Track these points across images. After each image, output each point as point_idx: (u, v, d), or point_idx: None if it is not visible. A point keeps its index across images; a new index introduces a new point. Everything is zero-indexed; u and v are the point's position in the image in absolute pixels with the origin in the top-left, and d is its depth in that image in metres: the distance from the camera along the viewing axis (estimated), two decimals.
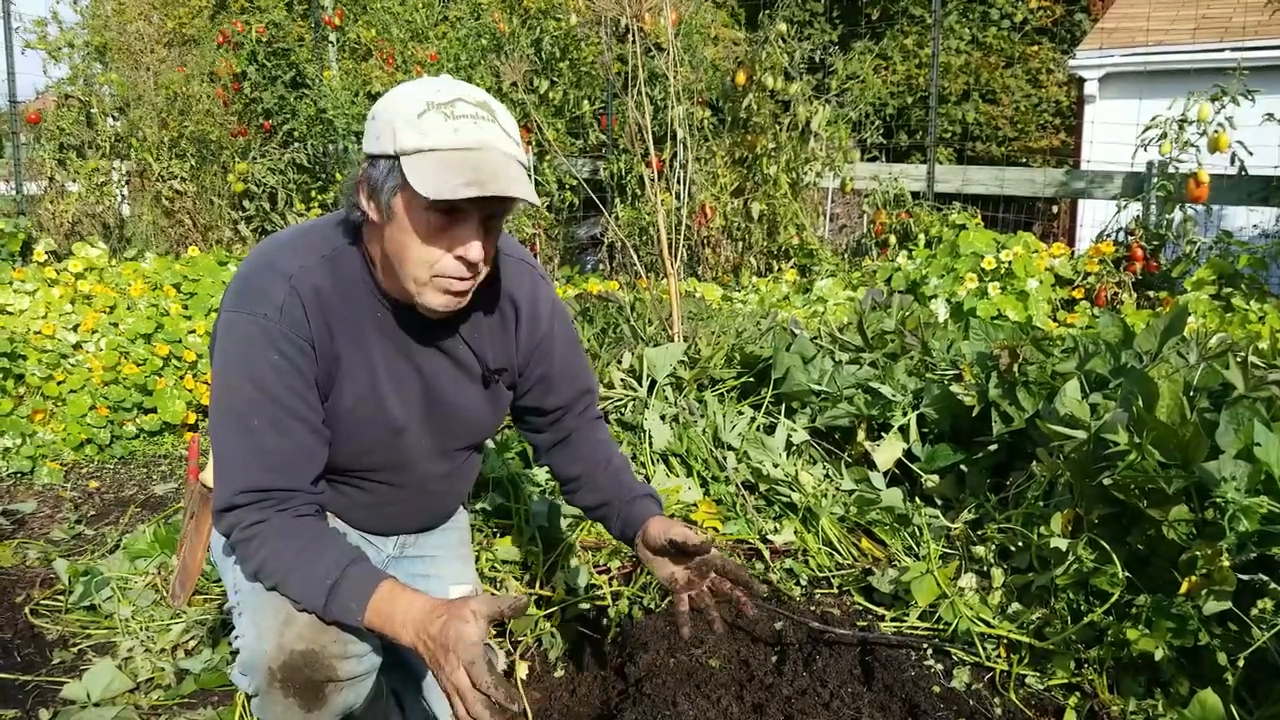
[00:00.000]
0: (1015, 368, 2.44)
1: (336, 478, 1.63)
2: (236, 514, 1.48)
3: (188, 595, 1.78)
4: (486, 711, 1.33)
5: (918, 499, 2.53)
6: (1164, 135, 4.98)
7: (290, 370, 1.50)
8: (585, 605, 2.28)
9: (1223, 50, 8.47)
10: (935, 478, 2.54)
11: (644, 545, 1.74)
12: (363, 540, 1.79)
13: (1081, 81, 10.10)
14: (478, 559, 2.43)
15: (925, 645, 2.03)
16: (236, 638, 1.54)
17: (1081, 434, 2.05)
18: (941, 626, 2.08)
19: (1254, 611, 1.67)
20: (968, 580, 2.14)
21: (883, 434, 2.66)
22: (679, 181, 4.83)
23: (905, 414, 2.65)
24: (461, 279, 1.51)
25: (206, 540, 1.80)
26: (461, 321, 1.67)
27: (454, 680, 1.35)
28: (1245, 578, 1.71)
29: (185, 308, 4.49)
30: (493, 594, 2.20)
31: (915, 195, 6.11)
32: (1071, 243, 8.96)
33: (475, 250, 1.48)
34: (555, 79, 7.13)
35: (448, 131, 1.43)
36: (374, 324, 1.60)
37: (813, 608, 2.21)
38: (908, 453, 2.61)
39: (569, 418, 1.89)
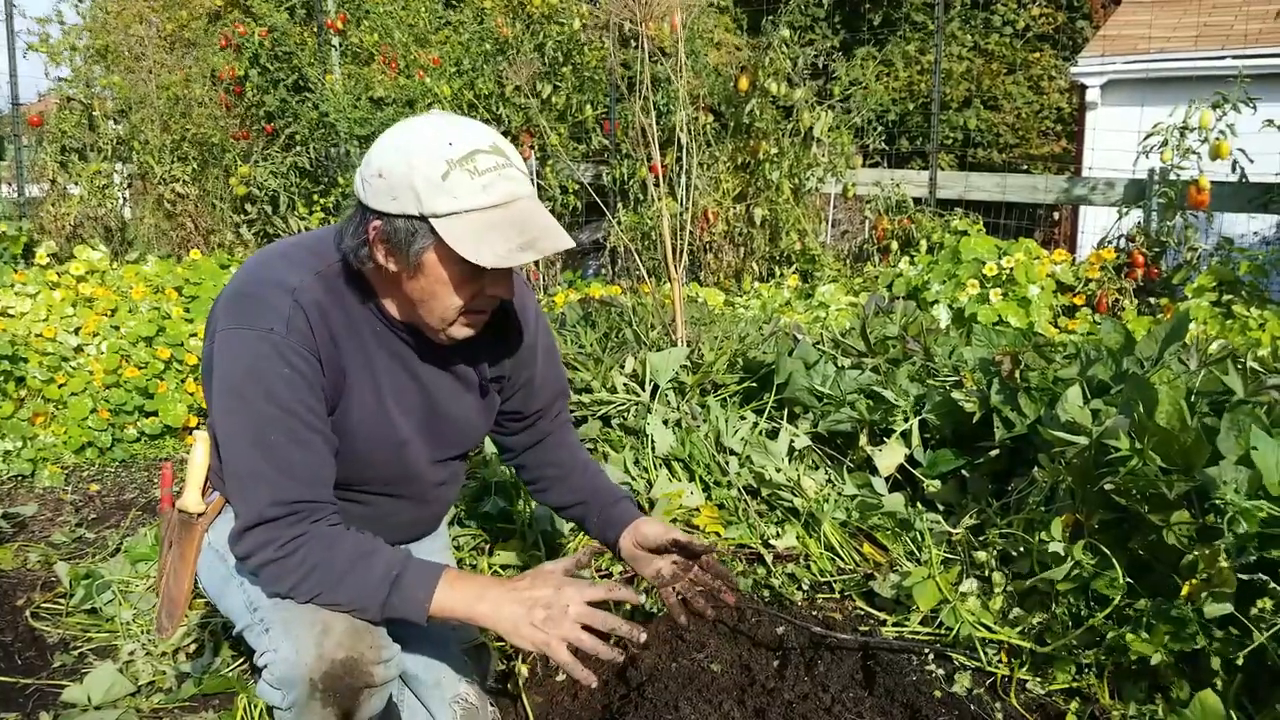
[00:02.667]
0: (1017, 374, 2.45)
1: (337, 492, 1.64)
2: (268, 530, 1.45)
3: (175, 626, 1.77)
4: (608, 650, 1.40)
5: (919, 504, 2.53)
6: (1165, 142, 4.99)
7: (301, 383, 1.49)
8: None
9: (1224, 58, 8.48)
10: (937, 483, 2.54)
11: (635, 545, 1.81)
12: None
13: (1083, 88, 10.12)
14: (475, 565, 2.44)
15: (927, 650, 2.03)
16: (262, 654, 1.52)
17: (1083, 439, 2.05)
18: (943, 631, 2.08)
19: (1253, 612, 1.67)
20: (969, 585, 2.14)
21: (885, 439, 2.66)
22: (682, 186, 4.83)
23: (907, 419, 2.65)
24: (486, 311, 1.57)
25: (193, 568, 1.78)
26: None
27: (563, 632, 1.40)
28: (1244, 577, 1.71)
29: (187, 311, 4.50)
30: None
31: (917, 201, 6.12)
32: (1073, 249, 8.96)
33: (508, 290, 1.54)
34: (559, 83, 7.15)
35: (477, 190, 1.43)
36: (374, 338, 1.61)
37: (815, 612, 2.21)
38: (910, 458, 2.61)
39: (544, 421, 1.95)
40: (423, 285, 1.50)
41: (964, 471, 2.52)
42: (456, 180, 1.42)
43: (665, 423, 2.78)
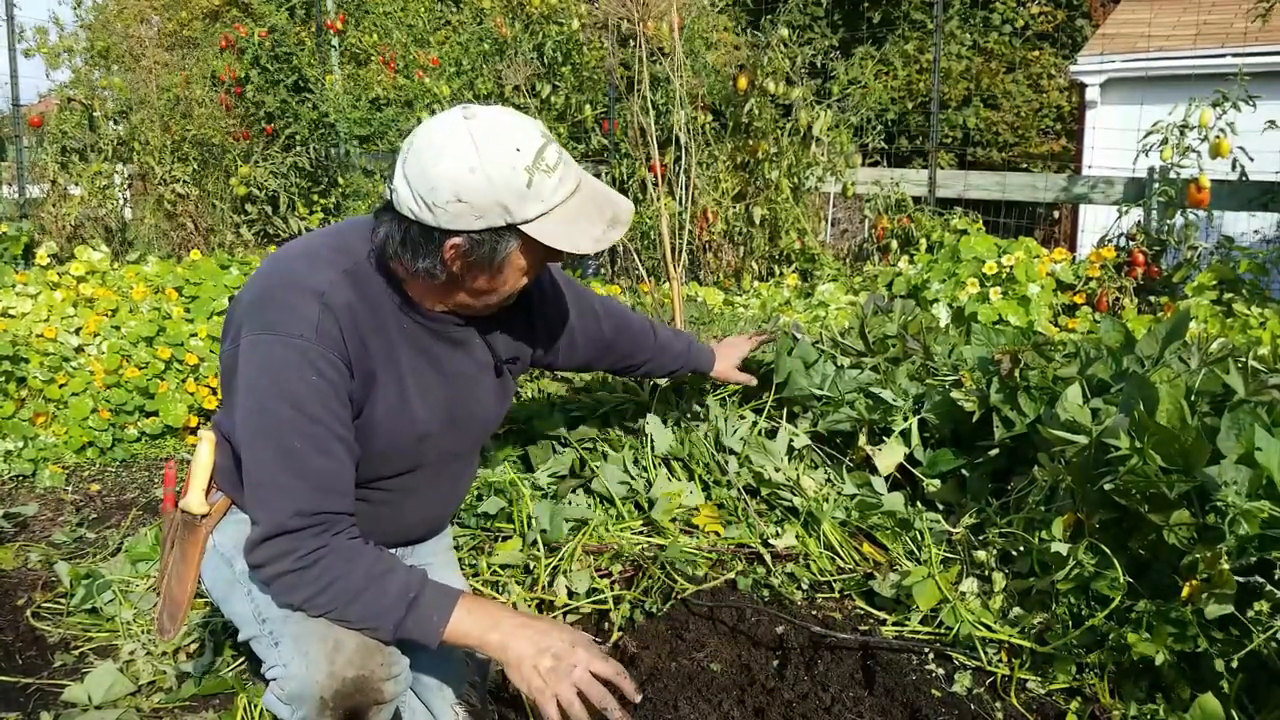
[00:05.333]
0: (1016, 373, 2.44)
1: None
2: (289, 540, 1.44)
3: (178, 628, 1.75)
4: None
5: (919, 503, 2.53)
6: (1165, 141, 4.98)
7: (328, 390, 1.49)
8: (587, 609, 2.28)
9: (1224, 56, 8.47)
10: (937, 482, 2.54)
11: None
12: None
13: (1083, 87, 10.11)
14: (474, 565, 2.44)
15: (927, 649, 2.03)
16: (271, 668, 1.52)
17: (1083, 439, 2.05)
18: (943, 631, 2.08)
19: (1250, 614, 1.67)
20: (969, 585, 2.14)
21: (884, 438, 2.66)
22: (681, 186, 4.83)
23: (907, 419, 2.65)
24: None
25: (196, 570, 1.76)
26: (479, 318, 1.70)
27: (560, 690, 1.41)
28: (1244, 580, 1.71)
29: (187, 311, 4.50)
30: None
31: (916, 200, 6.12)
32: (1073, 248, 8.96)
33: (560, 254, 1.59)
34: (557, 83, 7.14)
35: (555, 185, 1.48)
36: (400, 334, 1.61)
37: (814, 612, 2.21)
38: (909, 457, 2.61)
39: (604, 335, 2.11)
40: (498, 280, 1.55)
41: (963, 471, 2.52)
42: (540, 184, 1.46)
43: (664, 422, 2.78)
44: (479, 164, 1.42)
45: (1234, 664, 1.68)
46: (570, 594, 2.30)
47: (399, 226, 1.49)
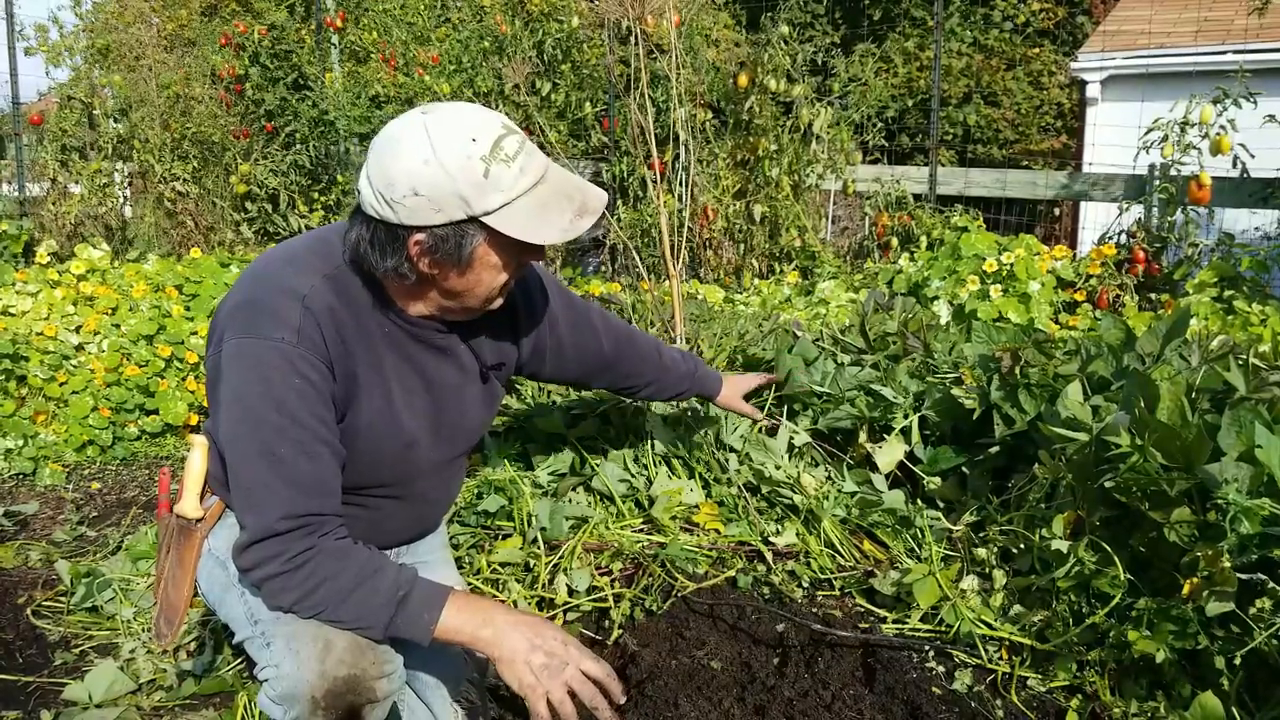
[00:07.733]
0: (1017, 370, 2.44)
1: (341, 497, 1.63)
2: (277, 542, 1.43)
3: (175, 634, 1.75)
4: None
5: (919, 501, 2.53)
6: (1166, 138, 4.98)
7: (313, 394, 1.48)
8: (587, 607, 2.28)
9: (1224, 53, 8.45)
10: (937, 480, 2.54)
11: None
12: None
13: (1083, 84, 10.09)
14: (474, 563, 2.44)
15: (927, 647, 2.03)
16: (263, 668, 1.52)
17: (1083, 436, 2.04)
18: (943, 628, 2.08)
19: (1252, 611, 1.67)
20: (969, 582, 2.14)
21: (885, 436, 2.66)
22: (681, 183, 4.83)
23: (907, 416, 2.64)
24: (516, 278, 1.60)
25: (193, 574, 1.75)
26: (462, 323, 1.69)
27: (552, 688, 1.41)
28: (1245, 577, 1.71)
29: (187, 309, 4.49)
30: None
31: (917, 197, 6.11)
32: (1073, 245, 8.95)
33: (541, 253, 1.57)
34: (557, 81, 7.14)
35: (516, 175, 1.46)
36: (383, 339, 1.60)
37: (815, 610, 2.21)
38: (910, 455, 2.61)
39: (603, 351, 2.05)
40: (471, 278, 1.52)
41: (964, 468, 2.52)
42: (497, 174, 1.44)
43: (664, 420, 2.78)
44: (433, 156, 1.41)
45: (1235, 661, 1.68)
46: (570, 592, 2.30)
47: (366, 228, 1.49)
